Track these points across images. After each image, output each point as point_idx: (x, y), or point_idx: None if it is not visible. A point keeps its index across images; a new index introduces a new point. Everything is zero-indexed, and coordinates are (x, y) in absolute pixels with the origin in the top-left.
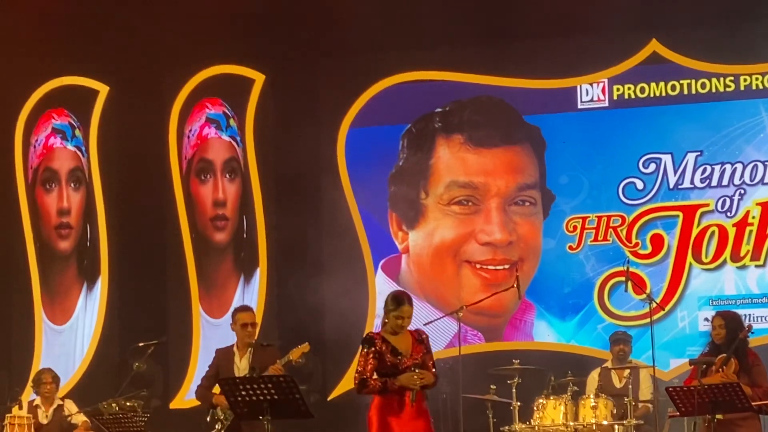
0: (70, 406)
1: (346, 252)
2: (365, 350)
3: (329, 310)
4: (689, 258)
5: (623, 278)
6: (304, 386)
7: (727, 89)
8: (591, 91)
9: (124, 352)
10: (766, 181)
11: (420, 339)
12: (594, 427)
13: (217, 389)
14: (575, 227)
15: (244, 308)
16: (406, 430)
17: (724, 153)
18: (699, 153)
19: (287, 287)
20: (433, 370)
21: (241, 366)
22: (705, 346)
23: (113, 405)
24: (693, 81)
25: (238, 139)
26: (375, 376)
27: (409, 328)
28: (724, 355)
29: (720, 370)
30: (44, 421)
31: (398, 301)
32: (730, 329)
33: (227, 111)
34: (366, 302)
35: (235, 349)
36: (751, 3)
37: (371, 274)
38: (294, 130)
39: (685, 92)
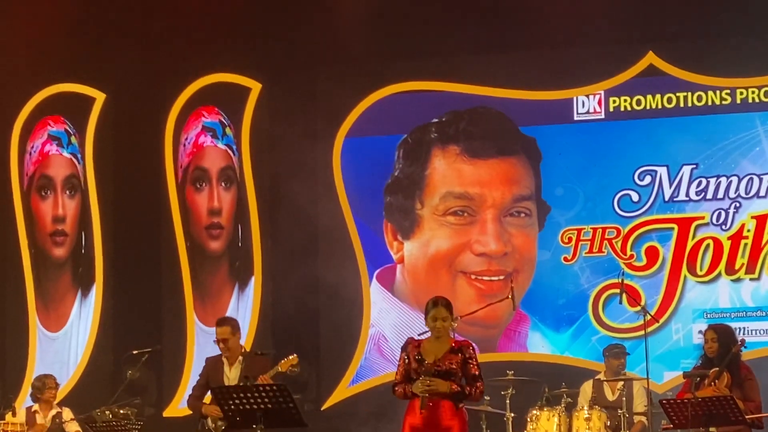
0: (67, 415)
1: (341, 261)
2: (400, 355)
3: (324, 320)
4: (684, 270)
5: (618, 290)
6: (298, 395)
7: (723, 102)
8: (587, 103)
9: (119, 359)
10: (761, 194)
11: (457, 349)
12: None
13: (207, 399)
14: (570, 239)
15: (219, 322)
16: None
17: (719, 166)
18: (694, 166)
19: (282, 296)
20: (475, 377)
21: (231, 375)
22: (698, 359)
23: (107, 412)
24: (689, 94)
25: (234, 147)
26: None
27: (451, 337)
28: (717, 369)
29: (713, 383)
30: (44, 427)
31: (434, 302)
32: (722, 343)
33: (223, 119)
34: (360, 312)
35: (224, 358)
36: (747, 17)
37: (366, 284)
38: (290, 140)
39: (681, 105)
